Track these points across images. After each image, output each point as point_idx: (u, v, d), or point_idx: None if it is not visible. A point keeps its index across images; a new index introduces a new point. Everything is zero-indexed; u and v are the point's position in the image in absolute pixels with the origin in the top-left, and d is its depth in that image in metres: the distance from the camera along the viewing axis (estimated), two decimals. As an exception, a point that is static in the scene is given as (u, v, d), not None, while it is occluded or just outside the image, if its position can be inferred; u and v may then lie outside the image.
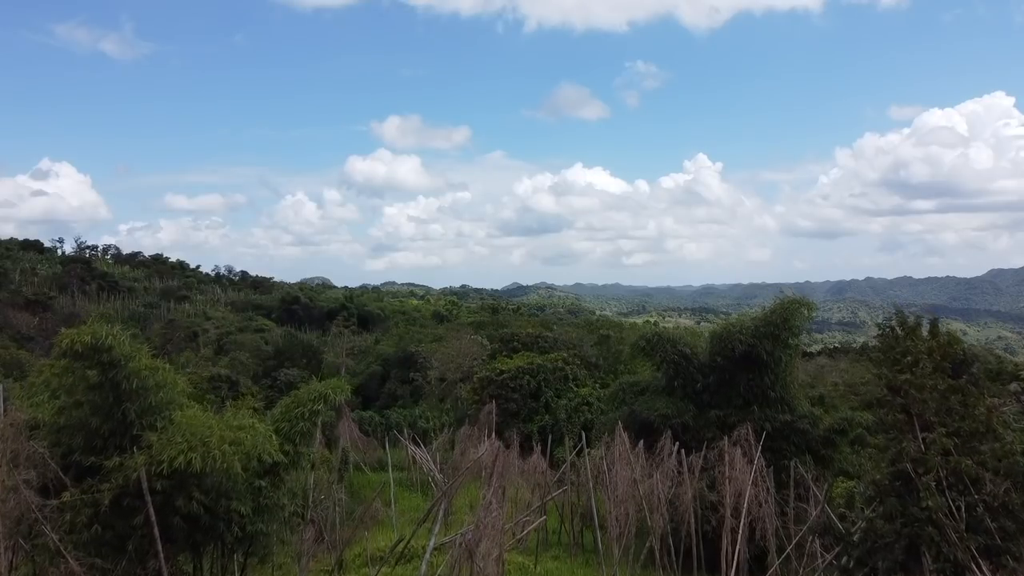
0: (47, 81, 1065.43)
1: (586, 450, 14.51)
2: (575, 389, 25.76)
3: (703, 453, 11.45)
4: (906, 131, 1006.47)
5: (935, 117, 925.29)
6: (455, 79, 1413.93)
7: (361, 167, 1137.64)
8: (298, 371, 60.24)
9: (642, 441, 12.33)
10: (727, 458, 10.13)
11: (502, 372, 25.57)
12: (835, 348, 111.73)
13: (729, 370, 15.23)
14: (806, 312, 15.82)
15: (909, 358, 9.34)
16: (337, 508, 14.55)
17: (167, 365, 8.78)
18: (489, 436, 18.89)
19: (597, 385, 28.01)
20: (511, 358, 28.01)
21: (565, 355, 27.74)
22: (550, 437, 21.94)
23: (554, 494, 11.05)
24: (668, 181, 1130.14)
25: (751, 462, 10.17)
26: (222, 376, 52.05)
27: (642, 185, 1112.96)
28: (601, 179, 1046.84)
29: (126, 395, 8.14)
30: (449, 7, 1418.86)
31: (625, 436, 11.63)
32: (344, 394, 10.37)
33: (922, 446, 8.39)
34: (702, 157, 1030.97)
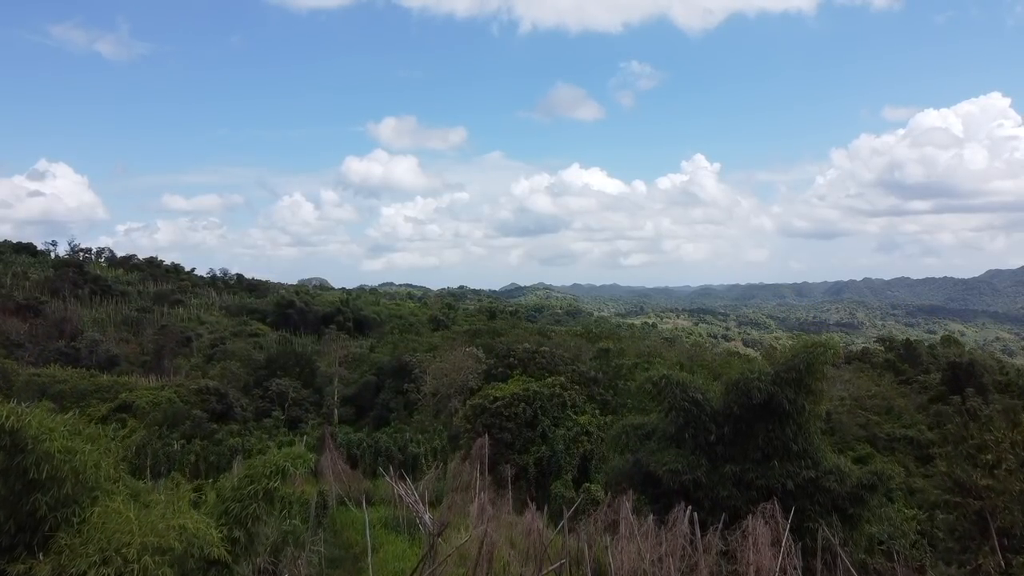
0: (44, 82, 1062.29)
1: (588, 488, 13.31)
2: (573, 417, 24.28)
3: (719, 527, 10.10)
4: (901, 132, 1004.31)
5: (930, 118, 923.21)
6: (451, 80, 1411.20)
7: (358, 168, 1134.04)
8: (290, 381, 59.01)
9: (651, 517, 10.91)
10: (751, 539, 8.82)
11: (496, 400, 24.05)
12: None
13: (746, 420, 13.74)
14: (831, 355, 14.44)
15: (989, 456, 7.96)
16: (313, 563, 13.17)
17: (87, 446, 7.37)
18: (482, 473, 17.52)
19: (597, 411, 26.62)
20: (505, 383, 26.50)
21: (563, 379, 26.31)
22: (548, 481, 20.62)
23: (552, 567, 9.76)
24: (665, 182, 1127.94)
25: (777, 542, 8.87)
26: (210, 389, 50.75)
27: (639, 186, 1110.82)
28: (598, 180, 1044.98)
29: (36, 485, 6.76)
30: (444, 9, 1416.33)
31: (633, 518, 10.28)
32: (306, 466, 9.03)
33: (1001, 562, 6.97)
34: (700, 157, 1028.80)
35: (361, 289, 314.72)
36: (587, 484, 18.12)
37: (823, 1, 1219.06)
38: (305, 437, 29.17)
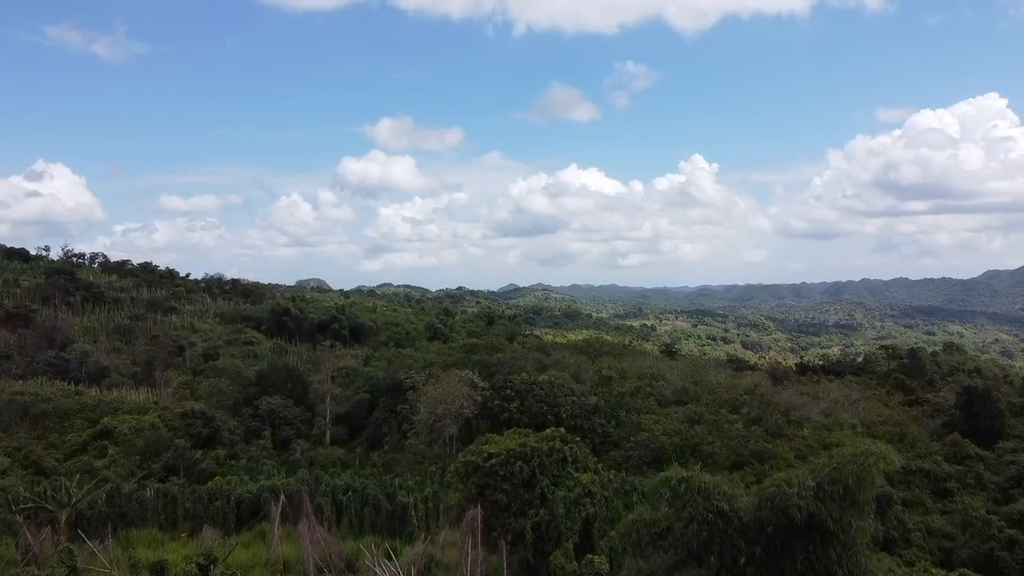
0: (42, 82, 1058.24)
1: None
2: (575, 475, 22.44)
3: None
4: (897, 132, 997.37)
5: (926, 118, 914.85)
6: (447, 82, 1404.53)
7: (355, 168, 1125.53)
8: (281, 399, 57.27)
9: None
10: None
11: (490, 457, 22.21)
12: (837, 361, 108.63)
13: (782, 539, 11.88)
14: (884, 466, 12.61)
15: None
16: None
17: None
18: (474, 546, 15.81)
19: (600, 466, 24.87)
20: (500, 432, 24.72)
21: (562, 431, 24.55)
22: (548, 548, 18.87)
23: None
24: (663, 182, 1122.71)
25: None
26: (196, 412, 48.97)
27: (637, 186, 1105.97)
28: (596, 180, 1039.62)
29: None
30: (439, 11, 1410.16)
31: None
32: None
33: None
34: (697, 158, 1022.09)
35: (359, 291, 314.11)
36: (590, 556, 16.43)
37: (816, 3, 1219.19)
38: (290, 481, 27.46)
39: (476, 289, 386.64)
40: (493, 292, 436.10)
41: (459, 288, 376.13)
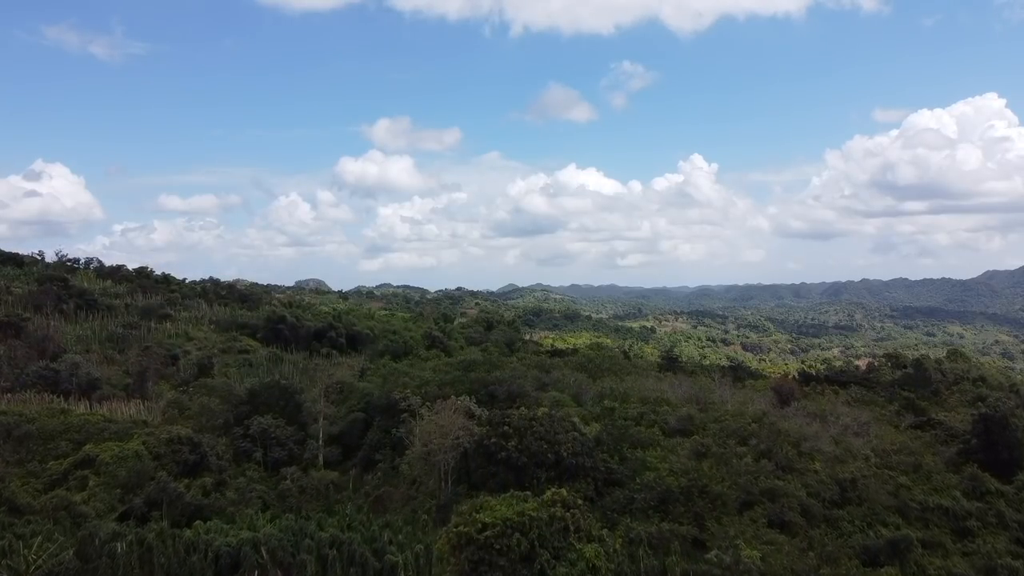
0: (40, 82, 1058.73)
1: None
2: (578, 547, 20.72)
3: None
4: (894, 133, 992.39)
5: (924, 119, 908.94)
6: (444, 82, 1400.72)
7: (353, 168, 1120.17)
8: (273, 418, 55.61)
9: None
10: None
11: (485, 528, 20.50)
12: (841, 371, 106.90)
13: None
14: None
15: None
16: None
17: None
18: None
19: (605, 532, 23.18)
20: (496, 497, 22.90)
21: (564, 494, 22.83)
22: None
23: None
24: (662, 182, 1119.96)
25: None
26: (182, 439, 47.22)
27: (635, 186, 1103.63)
28: (594, 180, 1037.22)
29: None
30: (436, 12, 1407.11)
31: None
32: None
33: None
34: (696, 158, 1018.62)
35: (358, 291, 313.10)
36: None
37: (812, 5, 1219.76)
38: (272, 532, 25.77)
39: (475, 289, 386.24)
40: (492, 292, 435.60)
41: (458, 288, 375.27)
